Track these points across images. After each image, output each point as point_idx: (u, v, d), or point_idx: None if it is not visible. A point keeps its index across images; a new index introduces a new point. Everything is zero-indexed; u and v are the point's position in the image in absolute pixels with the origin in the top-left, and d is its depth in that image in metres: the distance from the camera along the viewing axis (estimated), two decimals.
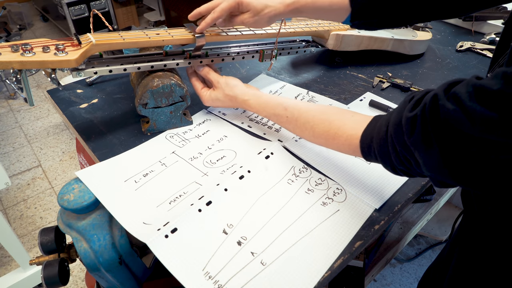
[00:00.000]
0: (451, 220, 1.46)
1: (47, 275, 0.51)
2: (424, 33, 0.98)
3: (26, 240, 1.56)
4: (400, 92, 0.83)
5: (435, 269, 0.67)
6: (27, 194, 1.77)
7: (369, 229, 0.53)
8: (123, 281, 0.56)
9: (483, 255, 0.50)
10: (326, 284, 0.48)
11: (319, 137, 0.54)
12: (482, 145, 0.31)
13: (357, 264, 1.01)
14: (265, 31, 0.74)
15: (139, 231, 0.49)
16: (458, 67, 0.93)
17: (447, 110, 0.33)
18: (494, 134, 0.30)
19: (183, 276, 0.45)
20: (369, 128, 0.46)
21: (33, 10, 3.71)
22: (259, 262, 0.48)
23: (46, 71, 0.57)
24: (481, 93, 0.31)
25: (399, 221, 1.23)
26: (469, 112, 0.31)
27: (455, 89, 0.34)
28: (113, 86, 0.83)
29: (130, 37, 0.61)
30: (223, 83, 0.67)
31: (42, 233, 0.55)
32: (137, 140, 0.67)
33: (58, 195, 0.52)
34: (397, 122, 0.40)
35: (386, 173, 0.60)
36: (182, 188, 0.57)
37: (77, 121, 0.72)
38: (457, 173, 0.35)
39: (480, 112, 0.31)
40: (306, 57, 0.97)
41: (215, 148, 0.66)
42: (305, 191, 0.58)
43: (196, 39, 0.65)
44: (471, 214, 0.53)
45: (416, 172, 0.41)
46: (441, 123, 0.34)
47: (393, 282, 1.40)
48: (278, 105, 0.60)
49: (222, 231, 0.51)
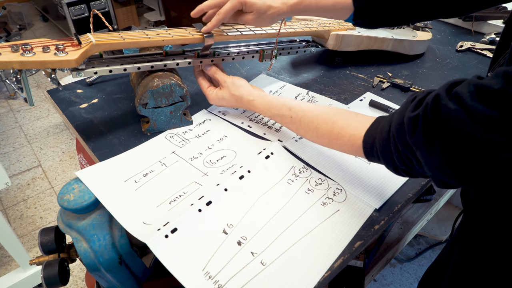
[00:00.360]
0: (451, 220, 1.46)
1: (47, 275, 0.51)
2: (424, 33, 0.98)
3: (26, 240, 1.56)
4: (400, 92, 0.83)
5: (435, 269, 0.67)
6: (27, 194, 1.77)
7: (369, 229, 0.53)
8: (123, 281, 0.56)
9: (483, 255, 0.50)
10: (326, 284, 0.48)
11: (322, 137, 0.55)
12: (483, 144, 0.32)
13: (357, 264, 1.01)
14: (265, 31, 0.74)
15: (139, 231, 0.49)
16: (458, 67, 0.93)
17: (449, 109, 0.33)
18: (495, 133, 0.30)
19: (183, 276, 0.45)
20: (372, 129, 0.47)
21: (33, 10, 3.71)
22: (259, 262, 0.48)
23: (46, 71, 0.57)
24: (483, 93, 0.31)
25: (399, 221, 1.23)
26: (471, 112, 0.31)
27: (457, 89, 0.34)
28: (113, 86, 0.83)
29: (130, 37, 0.61)
30: (230, 82, 0.68)
31: (42, 233, 0.55)
32: (137, 140, 0.68)
33: (58, 195, 0.52)
34: (399, 122, 0.40)
35: (386, 173, 0.60)
36: (182, 188, 0.57)
37: (77, 121, 0.72)
38: (459, 173, 0.35)
39: (482, 111, 0.31)
40: (306, 57, 0.97)
41: (215, 148, 0.66)
42: (305, 191, 0.58)
43: (205, 38, 0.66)
44: (471, 214, 0.53)
45: (418, 172, 0.41)
46: (443, 122, 0.34)
47: (393, 282, 1.40)
48: (283, 106, 0.61)
49: (222, 231, 0.51)
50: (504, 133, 0.30)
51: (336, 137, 0.52)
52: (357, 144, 0.48)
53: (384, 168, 0.47)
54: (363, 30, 0.89)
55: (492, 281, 0.49)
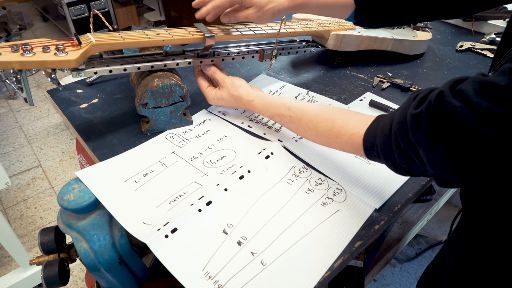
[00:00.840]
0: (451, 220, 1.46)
1: (47, 275, 0.51)
2: (424, 33, 0.98)
3: (26, 240, 1.56)
4: (400, 92, 0.83)
5: (434, 268, 0.67)
6: (27, 194, 1.77)
7: (369, 229, 0.53)
8: (123, 281, 0.56)
9: (482, 255, 0.50)
10: (326, 284, 0.48)
11: (322, 136, 0.54)
12: (488, 141, 0.31)
13: (357, 264, 1.01)
14: (265, 31, 0.74)
15: (139, 231, 0.49)
16: (458, 67, 0.93)
17: (454, 106, 0.33)
18: (500, 130, 0.30)
19: (183, 276, 0.45)
20: (373, 127, 0.46)
21: (33, 10, 3.71)
22: (259, 262, 0.48)
23: (46, 71, 0.57)
24: (488, 89, 0.31)
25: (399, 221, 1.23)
26: (476, 108, 0.31)
27: (461, 86, 0.34)
28: (113, 86, 0.83)
29: (130, 37, 0.61)
30: (229, 83, 0.68)
31: (42, 233, 0.55)
32: (137, 140, 0.67)
33: (58, 195, 0.52)
34: (402, 119, 0.39)
35: (386, 173, 0.60)
36: (182, 188, 0.57)
37: (77, 121, 0.72)
38: (462, 170, 0.34)
39: (487, 108, 0.30)
40: (306, 57, 0.97)
41: (215, 148, 0.66)
42: (305, 191, 0.58)
43: (206, 39, 0.66)
44: (470, 213, 0.53)
45: (419, 170, 0.40)
46: (447, 119, 0.34)
47: (393, 282, 1.40)
48: (282, 105, 0.61)
49: (222, 231, 0.51)
50: (509, 130, 0.30)
51: (336, 135, 0.51)
52: (357, 142, 0.48)
53: (384, 168, 0.46)
54: (363, 30, 0.89)
55: (491, 281, 0.49)
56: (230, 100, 0.68)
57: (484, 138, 0.31)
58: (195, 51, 0.70)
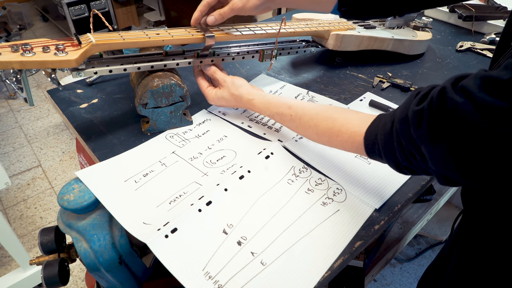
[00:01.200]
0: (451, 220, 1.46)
1: (47, 275, 0.51)
2: (424, 33, 0.98)
3: (26, 240, 1.56)
4: (400, 92, 0.83)
5: (434, 268, 0.67)
6: (27, 194, 1.77)
7: (369, 229, 0.53)
8: (123, 281, 0.56)
9: (483, 255, 0.50)
10: (326, 284, 0.48)
11: (322, 135, 0.54)
12: (491, 136, 0.31)
13: (357, 264, 1.01)
14: (265, 31, 0.74)
15: (139, 231, 0.49)
16: (458, 67, 0.93)
17: (456, 102, 0.33)
18: (504, 125, 0.30)
19: (183, 276, 0.45)
20: (374, 125, 0.46)
21: (33, 10, 3.71)
22: (259, 262, 0.48)
23: (46, 71, 0.57)
24: (491, 84, 0.31)
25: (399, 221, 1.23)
26: (478, 103, 0.31)
27: (463, 82, 0.34)
28: (113, 86, 0.83)
29: (130, 37, 0.61)
30: (229, 82, 0.68)
31: (42, 233, 0.55)
32: (137, 140, 0.68)
33: (58, 195, 0.52)
34: (403, 116, 0.39)
35: (386, 173, 0.60)
36: (182, 188, 0.57)
37: (77, 121, 0.72)
38: (464, 167, 0.34)
39: (490, 102, 0.30)
40: (306, 57, 0.97)
41: (215, 148, 0.66)
42: (305, 191, 0.58)
43: (206, 39, 0.66)
44: (471, 213, 0.53)
45: (421, 168, 0.40)
46: (449, 115, 0.33)
47: (393, 282, 1.40)
48: (282, 104, 0.61)
49: (222, 231, 0.51)
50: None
51: (336, 134, 0.51)
52: (358, 141, 0.48)
53: (384, 168, 0.46)
54: (363, 30, 0.89)
55: (491, 281, 0.49)
56: (231, 99, 0.68)
57: (487, 133, 0.31)
58: (195, 51, 0.70)
